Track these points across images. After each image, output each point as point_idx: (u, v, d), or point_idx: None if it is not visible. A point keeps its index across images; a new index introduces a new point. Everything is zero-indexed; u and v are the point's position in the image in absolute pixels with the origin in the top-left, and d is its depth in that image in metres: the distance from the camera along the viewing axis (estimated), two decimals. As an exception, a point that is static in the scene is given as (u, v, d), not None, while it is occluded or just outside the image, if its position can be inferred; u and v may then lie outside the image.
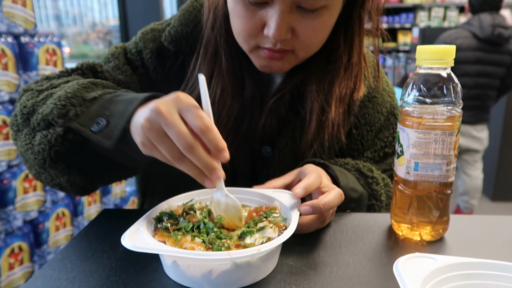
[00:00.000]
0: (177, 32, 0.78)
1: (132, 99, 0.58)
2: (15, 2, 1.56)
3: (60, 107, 0.60)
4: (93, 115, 0.59)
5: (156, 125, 0.49)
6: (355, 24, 0.72)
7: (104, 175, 0.67)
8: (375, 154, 0.85)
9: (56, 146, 0.61)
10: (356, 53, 0.74)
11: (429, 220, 0.62)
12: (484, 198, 3.67)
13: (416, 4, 6.07)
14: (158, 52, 0.79)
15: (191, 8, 0.79)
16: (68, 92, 0.62)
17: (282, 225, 0.56)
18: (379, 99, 0.84)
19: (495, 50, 2.60)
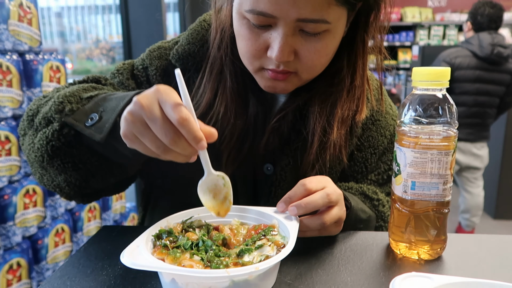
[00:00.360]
0: (184, 50, 0.80)
1: (125, 95, 0.61)
2: (21, 21, 1.59)
3: (57, 104, 0.65)
4: (88, 111, 0.63)
5: (139, 117, 0.51)
6: (359, 47, 0.73)
7: (98, 172, 0.69)
8: (379, 177, 0.85)
9: (52, 140, 0.64)
10: (359, 76, 0.75)
11: (427, 239, 0.63)
12: (486, 216, 3.65)
13: (416, 22, 6.15)
14: (164, 69, 0.81)
15: (199, 28, 0.81)
16: (68, 91, 0.67)
17: (280, 243, 0.56)
18: (383, 122, 0.85)
19: (495, 69, 2.63)
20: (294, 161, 0.78)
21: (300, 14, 0.60)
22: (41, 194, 1.69)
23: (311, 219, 0.63)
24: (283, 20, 0.62)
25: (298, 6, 0.59)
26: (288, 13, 0.60)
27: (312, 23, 0.62)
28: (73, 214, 1.92)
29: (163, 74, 0.81)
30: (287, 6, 0.60)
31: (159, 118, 0.50)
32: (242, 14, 0.65)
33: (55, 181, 0.70)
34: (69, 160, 0.66)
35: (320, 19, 0.61)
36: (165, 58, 0.81)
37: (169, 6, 3.91)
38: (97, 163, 0.67)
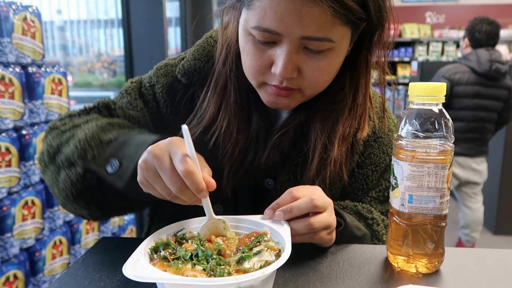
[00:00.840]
0: (190, 66, 0.82)
1: (142, 142, 0.65)
2: (25, 35, 1.61)
3: (80, 150, 0.69)
4: (108, 157, 0.67)
5: (151, 166, 0.57)
6: (362, 66, 0.74)
7: (120, 209, 0.75)
8: (380, 194, 0.86)
9: (77, 184, 0.69)
10: (362, 94, 0.76)
11: (425, 252, 0.63)
12: (486, 231, 3.63)
13: (415, 39, 6.22)
14: (169, 86, 0.83)
15: (206, 44, 0.83)
16: (88, 135, 0.70)
17: (276, 248, 0.57)
18: (385, 139, 0.86)
19: (493, 84, 2.66)
20: (294, 176, 0.78)
21: (305, 32, 0.62)
22: (39, 206, 1.68)
23: (298, 222, 0.64)
24: (287, 38, 0.63)
25: (303, 25, 0.61)
26: (293, 31, 0.62)
27: (316, 41, 0.63)
28: (71, 226, 1.91)
29: (169, 91, 0.83)
30: (292, 24, 0.61)
31: (168, 169, 0.56)
32: (248, 31, 0.66)
33: (78, 212, 0.75)
34: (92, 200, 0.71)
35: (324, 38, 0.62)
36: (171, 75, 0.84)
37: (171, 21, 3.96)
38: (119, 202, 0.72)
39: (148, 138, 0.65)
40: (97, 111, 0.82)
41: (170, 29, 4.01)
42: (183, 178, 0.55)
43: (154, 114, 0.84)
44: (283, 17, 0.61)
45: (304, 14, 0.60)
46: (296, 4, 0.59)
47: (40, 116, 1.71)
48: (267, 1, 0.61)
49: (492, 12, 6.45)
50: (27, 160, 1.65)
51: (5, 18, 1.52)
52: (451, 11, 6.79)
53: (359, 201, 0.85)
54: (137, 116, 0.82)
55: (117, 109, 0.82)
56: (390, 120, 0.88)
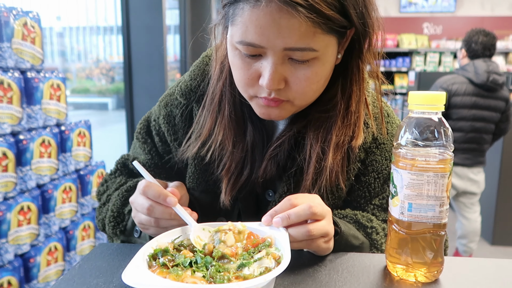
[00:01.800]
0: (187, 86, 0.85)
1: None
2: (25, 40, 1.61)
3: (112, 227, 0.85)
4: (132, 227, 0.83)
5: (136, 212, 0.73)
6: (354, 74, 0.75)
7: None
8: (383, 202, 0.85)
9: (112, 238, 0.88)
10: (355, 102, 0.76)
11: (424, 261, 0.63)
12: (484, 242, 3.63)
13: (412, 49, 6.27)
14: (169, 114, 0.88)
15: (201, 64, 0.86)
16: (114, 211, 0.85)
17: (277, 256, 0.57)
18: (388, 145, 0.85)
19: (490, 95, 2.67)
20: (291, 187, 0.79)
21: (286, 44, 0.62)
22: (35, 212, 1.67)
23: (296, 229, 0.64)
24: (271, 50, 0.64)
25: (283, 36, 0.61)
26: (274, 43, 0.62)
27: (299, 51, 0.63)
28: (67, 233, 1.90)
29: (169, 120, 0.88)
30: (273, 36, 0.62)
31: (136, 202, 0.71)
32: (234, 46, 0.67)
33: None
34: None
35: (306, 48, 0.63)
36: (171, 103, 0.88)
37: (170, 29, 3.98)
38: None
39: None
40: (119, 173, 0.95)
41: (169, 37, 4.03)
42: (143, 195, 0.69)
43: (164, 146, 0.90)
44: (264, 30, 0.62)
45: (283, 26, 0.60)
46: (274, 16, 0.60)
47: (38, 121, 1.71)
48: (247, 16, 0.62)
49: (489, 24, 6.52)
50: (24, 165, 1.64)
51: (5, 23, 1.52)
52: (448, 22, 6.86)
53: (362, 210, 0.84)
54: (146, 159, 0.92)
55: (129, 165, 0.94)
56: (394, 125, 0.86)
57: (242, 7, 0.62)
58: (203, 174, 0.83)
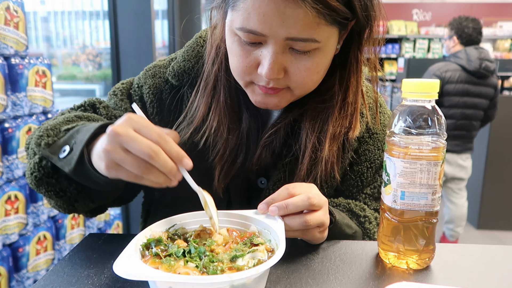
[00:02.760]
0: (180, 67, 0.81)
1: (92, 127, 0.63)
2: (8, 25, 1.56)
3: (36, 138, 0.69)
4: (61, 144, 0.66)
5: (117, 144, 0.54)
6: (352, 65, 0.74)
7: (79, 199, 0.71)
8: (375, 191, 0.85)
9: (34, 172, 0.69)
10: (352, 93, 0.75)
11: (416, 248, 0.63)
12: (469, 226, 3.71)
13: (402, 35, 6.28)
14: (156, 87, 0.82)
15: (195, 45, 0.82)
16: (50, 124, 0.70)
17: (269, 247, 0.57)
18: (380, 135, 0.85)
19: (481, 82, 2.70)
20: (285, 176, 0.78)
21: (289, 33, 0.61)
22: (23, 201, 1.65)
23: (293, 218, 0.64)
24: (272, 39, 0.62)
25: (287, 26, 0.60)
26: (277, 32, 0.61)
27: (301, 42, 0.62)
28: (56, 221, 1.88)
29: (156, 92, 0.82)
30: (276, 25, 0.60)
31: (137, 139, 0.53)
32: (234, 31, 0.65)
33: (51, 203, 0.74)
34: (51, 188, 0.69)
35: (309, 38, 0.62)
36: (159, 76, 0.83)
37: (158, 14, 3.90)
38: (76, 191, 0.69)
39: (97, 124, 0.64)
40: (83, 109, 0.82)
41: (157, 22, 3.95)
42: (160, 142, 0.54)
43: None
44: (267, 18, 0.60)
45: (287, 15, 0.59)
46: (279, 5, 0.59)
47: (23, 109, 1.67)
48: (250, 3, 0.60)
49: (477, 10, 6.54)
50: (10, 154, 1.61)
51: (-13, 7, 1.47)
52: (438, 9, 6.87)
53: (354, 199, 0.85)
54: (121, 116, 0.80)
55: (101, 108, 0.82)
56: (386, 116, 0.87)
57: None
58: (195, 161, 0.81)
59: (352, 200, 0.84)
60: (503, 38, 6.32)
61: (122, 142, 0.53)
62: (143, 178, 0.55)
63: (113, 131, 0.53)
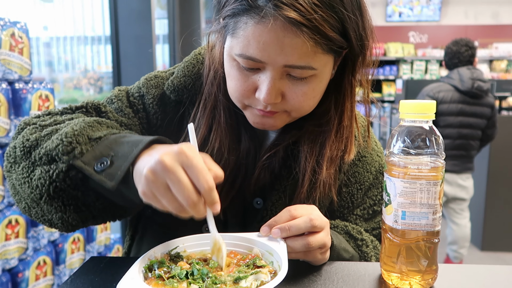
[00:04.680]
0: (180, 82, 0.81)
1: (137, 141, 0.60)
2: (13, 50, 1.60)
3: (66, 144, 0.61)
4: (98, 155, 0.60)
5: (161, 178, 0.52)
6: (347, 89, 0.76)
7: (100, 215, 0.67)
8: (365, 212, 0.87)
9: (56, 182, 0.61)
10: (347, 117, 0.77)
11: (418, 269, 0.63)
12: (473, 248, 3.66)
13: (399, 57, 6.37)
14: (160, 98, 0.82)
15: (195, 61, 0.82)
16: (75, 129, 0.63)
17: (272, 270, 0.57)
18: (369, 158, 0.87)
19: (476, 102, 2.73)
20: (284, 196, 0.79)
21: (287, 61, 0.63)
22: (23, 225, 1.64)
23: (295, 240, 0.64)
24: (271, 65, 0.64)
25: (285, 54, 0.62)
26: (275, 59, 0.63)
27: (298, 69, 0.64)
28: (56, 246, 1.86)
29: (160, 103, 0.82)
30: (274, 53, 0.62)
31: (183, 183, 0.51)
32: (232, 57, 0.67)
33: (47, 216, 0.66)
34: (71, 202, 0.63)
35: (306, 66, 0.64)
36: (162, 87, 0.82)
37: (159, 38, 3.98)
38: (101, 206, 0.65)
39: (144, 138, 0.60)
40: (84, 111, 0.76)
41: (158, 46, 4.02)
42: (204, 194, 0.52)
43: (144, 124, 0.82)
44: (266, 46, 0.62)
45: (286, 44, 0.61)
46: (278, 34, 0.61)
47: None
48: (250, 31, 0.62)
49: (472, 32, 6.66)
50: (12, 178, 1.61)
51: (-8, 34, 1.51)
52: (434, 31, 6.99)
53: (345, 219, 0.86)
54: (128, 123, 0.79)
55: (108, 113, 0.77)
56: (372, 140, 0.89)
57: (245, 21, 0.63)
58: None
59: (347, 222, 0.85)
60: (499, 59, 6.41)
61: (167, 179, 0.51)
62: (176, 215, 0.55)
63: (162, 162, 0.51)
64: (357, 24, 0.66)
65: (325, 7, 0.60)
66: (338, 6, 0.61)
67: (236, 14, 0.64)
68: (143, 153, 0.58)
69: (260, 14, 0.60)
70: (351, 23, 0.64)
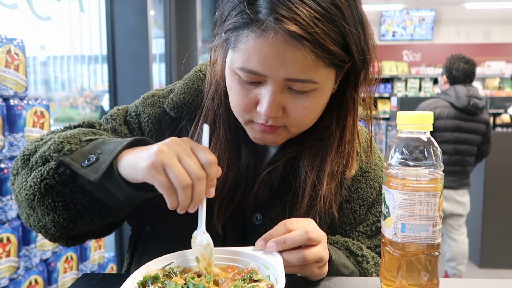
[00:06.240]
0: (179, 99, 0.81)
1: (123, 140, 0.65)
2: (8, 67, 1.60)
3: (57, 143, 0.66)
4: (85, 152, 0.65)
5: (174, 150, 0.58)
6: (349, 104, 0.75)
7: (87, 214, 0.68)
8: (367, 229, 0.85)
9: (47, 178, 0.65)
10: (349, 132, 0.76)
11: (419, 283, 0.62)
12: (472, 265, 3.63)
13: (393, 75, 6.44)
14: (156, 117, 0.82)
15: (195, 78, 0.83)
16: (68, 133, 0.69)
17: (268, 284, 0.56)
18: (372, 174, 0.86)
19: (471, 119, 2.75)
20: (283, 212, 0.78)
21: (288, 75, 0.63)
22: (15, 243, 1.61)
23: (291, 254, 0.63)
24: (272, 79, 0.64)
25: (286, 67, 0.62)
26: (277, 73, 0.63)
27: (300, 82, 0.64)
28: (48, 265, 1.82)
29: (155, 122, 0.82)
30: (275, 67, 0.62)
31: (193, 158, 0.59)
32: (234, 70, 0.67)
33: (42, 221, 0.69)
34: (60, 199, 0.66)
35: (307, 80, 0.64)
36: (158, 105, 0.82)
37: (156, 57, 4.01)
38: (88, 204, 0.67)
39: (129, 138, 0.65)
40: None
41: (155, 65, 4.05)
42: (208, 167, 0.58)
43: None
44: (267, 60, 0.62)
45: (287, 57, 0.61)
46: (280, 48, 0.61)
47: (20, 150, 1.67)
48: (251, 44, 0.62)
49: (465, 51, 6.76)
50: (4, 195, 1.59)
51: (-12, 51, 1.51)
52: (427, 50, 7.11)
53: (347, 236, 0.84)
54: None
55: (101, 130, 0.79)
56: (376, 155, 0.88)
57: (246, 34, 0.63)
58: None
59: (348, 238, 0.83)
60: (491, 77, 6.50)
61: (180, 151, 0.58)
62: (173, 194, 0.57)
63: (175, 140, 0.60)
64: (359, 38, 0.66)
65: (326, 21, 0.60)
66: (339, 20, 0.61)
67: (238, 27, 0.64)
68: (127, 150, 0.62)
69: (261, 28, 0.61)
70: (352, 37, 0.64)
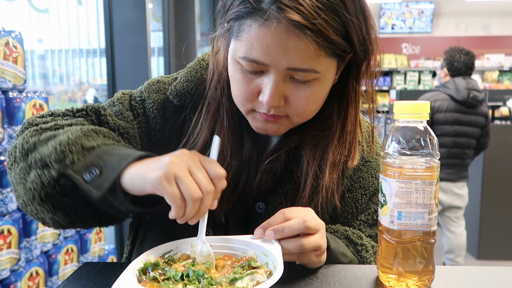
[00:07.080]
0: (183, 87, 0.81)
1: (127, 155, 0.63)
2: (6, 59, 1.60)
3: (58, 153, 0.62)
4: (88, 164, 0.62)
5: (185, 162, 0.59)
6: (350, 95, 0.76)
7: (87, 221, 0.68)
8: (369, 217, 0.86)
9: (47, 188, 0.62)
10: (351, 122, 0.77)
11: (415, 270, 0.63)
12: (470, 257, 3.66)
13: (393, 68, 6.43)
14: (161, 103, 0.82)
15: (198, 67, 0.83)
16: (70, 138, 0.64)
17: (267, 270, 0.57)
18: (373, 163, 0.87)
19: (471, 111, 2.76)
20: (286, 200, 0.78)
21: (290, 64, 0.64)
22: (16, 235, 1.62)
23: (289, 242, 0.64)
24: (274, 68, 0.65)
25: (288, 57, 0.63)
26: (279, 62, 0.64)
27: (302, 72, 0.65)
28: (49, 257, 1.83)
29: (160, 108, 0.82)
30: (278, 56, 0.63)
31: (203, 171, 0.60)
32: (236, 60, 0.68)
33: (40, 215, 0.68)
34: (61, 207, 0.65)
35: (309, 69, 0.64)
36: (163, 92, 0.83)
37: (154, 50, 4.00)
38: (89, 213, 0.66)
39: (134, 152, 0.63)
40: (85, 114, 0.77)
41: (153, 59, 4.04)
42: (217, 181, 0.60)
43: (143, 128, 0.82)
44: (269, 49, 0.63)
45: (289, 47, 0.62)
46: (282, 37, 0.61)
47: (19, 142, 1.67)
48: (254, 34, 0.63)
49: (464, 43, 6.74)
50: (4, 187, 1.59)
51: (-13, 43, 1.51)
52: (426, 43, 7.09)
53: (348, 225, 0.85)
54: (126, 126, 0.79)
55: (107, 116, 0.77)
56: (377, 145, 0.89)
57: (249, 24, 0.63)
58: None
59: (348, 227, 0.84)
60: (491, 70, 6.49)
61: (191, 164, 0.59)
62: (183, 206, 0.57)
63: (186, 152, 0.61)
64: (361, 28, 0.66)
65: (329, 11, 0.61)
66: (341, 10, 0.62)
67: (240, 17, 0.64)
68: (130, 165, 0.61)
69: (263, 17, 0.61)
70: (354, 27, 0.64)
